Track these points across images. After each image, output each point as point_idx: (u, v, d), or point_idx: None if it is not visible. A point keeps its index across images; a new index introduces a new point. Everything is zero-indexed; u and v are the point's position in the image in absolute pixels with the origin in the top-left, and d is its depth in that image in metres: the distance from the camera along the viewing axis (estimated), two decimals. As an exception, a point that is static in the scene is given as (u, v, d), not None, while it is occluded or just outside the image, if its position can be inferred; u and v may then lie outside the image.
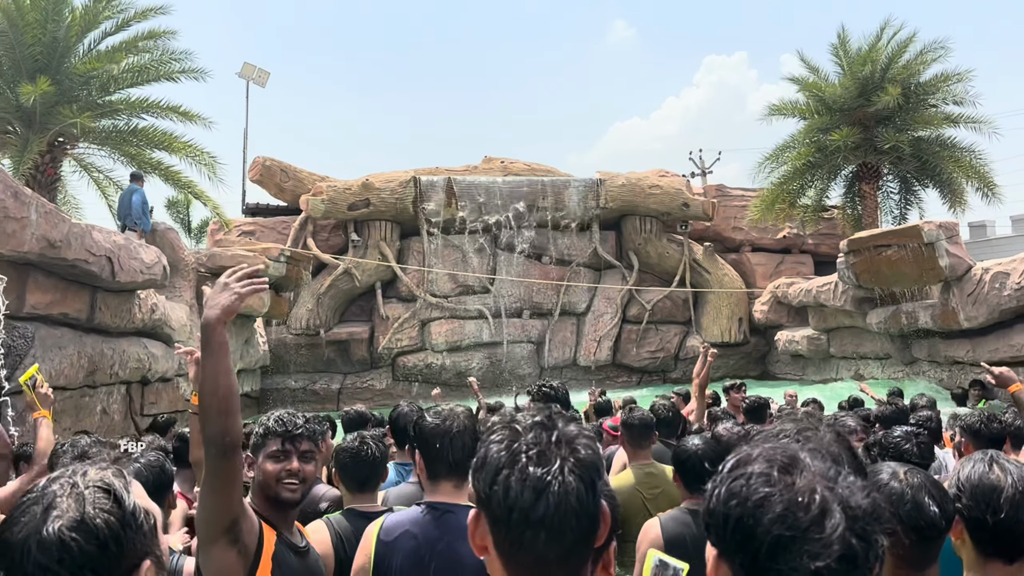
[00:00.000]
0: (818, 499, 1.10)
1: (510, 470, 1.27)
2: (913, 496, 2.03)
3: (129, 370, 12.00)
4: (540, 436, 1.30)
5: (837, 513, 1.09)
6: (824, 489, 1.11)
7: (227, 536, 2.15)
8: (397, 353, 21.45)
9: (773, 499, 1.11)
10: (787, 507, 1.10)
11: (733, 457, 1.22)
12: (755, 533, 1.10)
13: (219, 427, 2.07)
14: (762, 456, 1.18)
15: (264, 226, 21.82)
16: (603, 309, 22.18)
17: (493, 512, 1.28)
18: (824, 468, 1.15)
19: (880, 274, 15.29)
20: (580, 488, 1.25)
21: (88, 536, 1.21)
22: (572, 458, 1.27)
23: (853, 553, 1.07)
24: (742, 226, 23.27)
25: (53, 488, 1.27)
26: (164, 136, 15.12)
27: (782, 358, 21.67)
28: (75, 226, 9.37)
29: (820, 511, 1.09)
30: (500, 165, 23.07)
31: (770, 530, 1.09)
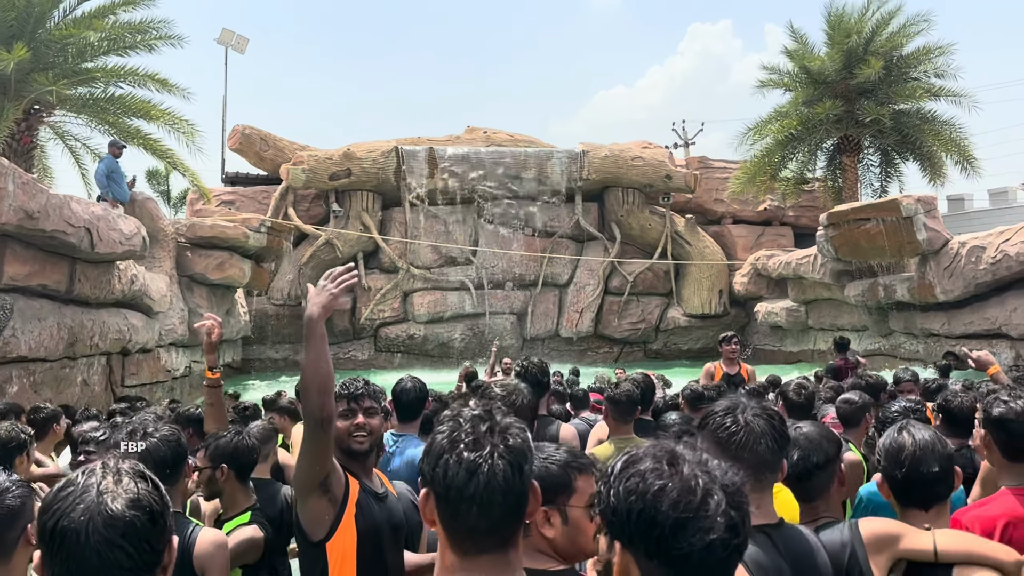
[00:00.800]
0: (701, 484, 1.31)
1: (449, 454, 1.52)
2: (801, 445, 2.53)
3: (109, 341, 11.95)
4: (477, 426, 1.56)
5: (717, 493, 1.30)
6: (703, 475, 1.32)
7: (320, 489, 2.56)
8: (379, 324, 21.48)
9: (667, 489, 1.30)
10: (680, 494, 1.29)
11: (621, 459, 1.40)
12: (656, 520, 1.28)
13: (318, 404, 2.47)
14: (648, 455, 1.37)
15: (244, 195, 21.66)
16: (585, 280, 22.26)
17: (436, 489, 1.53)
18: (698, 457, 1.36)
19: (859, 247, 15.44)
20: (507, 470, 1.50)
21: (144, 513, 1.37)
22: (503, 445, 1.52)
23: (734, 522, 1.29)
24: (724, 198, 23.34)
25: (96, 477, 1.41)
26: (142, 104, 14.90)
27: (761, 329, 21.90)
28: (53, 197, 9.28)
29: (704, 493, 1.30)
30: (483, 135, 22.96)
31: (669, 515, 1.28)
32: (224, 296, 17.46)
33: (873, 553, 2.38)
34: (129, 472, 1.43)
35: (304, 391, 2.53)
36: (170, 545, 1.44)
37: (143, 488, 1.40)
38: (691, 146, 35.63)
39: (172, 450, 3.10)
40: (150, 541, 1.37)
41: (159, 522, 1.40)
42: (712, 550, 1.27)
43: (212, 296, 16.79)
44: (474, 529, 1.51)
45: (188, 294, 16.12)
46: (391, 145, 21.12)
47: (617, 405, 4.88)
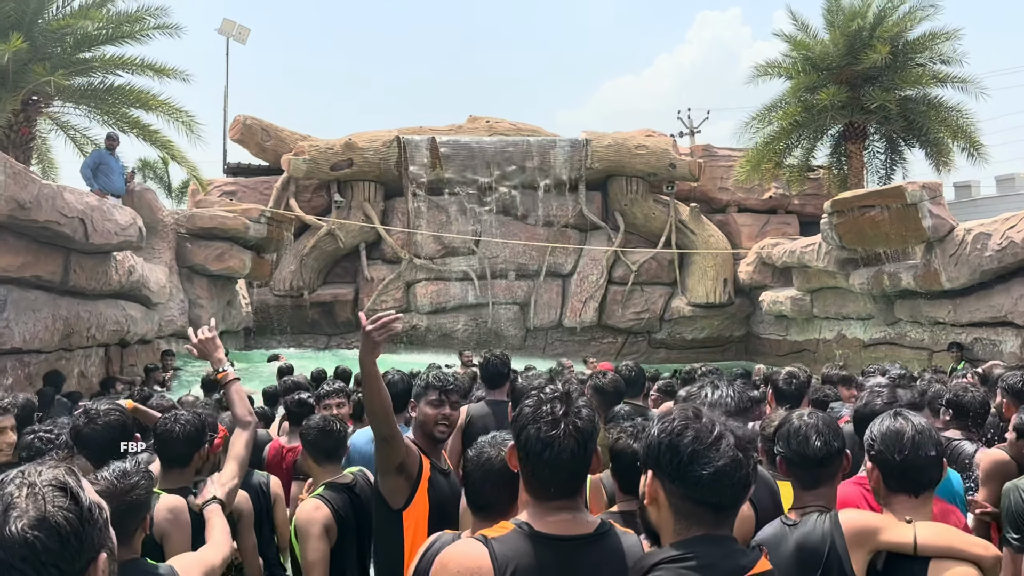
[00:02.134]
0: (717, 429, 1.79)
1: (531, 426, 2.02)
2: (805, 432, 2.66)
3: (107, 332, 11.92)
4: (555, 406, 2.03)
5: (729, 436, 1.78)
6: (720, 425, 1.81)
7: (396, 470, 3.15)
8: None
9: (688, 428, 1.79)
10: (698, 433, 1.78)
11: (658, 417, 1.92)
12: (678, 448, 1.77)
13: (383, 427, 3.10)
14: (679, 410, 1.88)
15: (246, 186, 21.59)
16: (589, 270, 22.13)
17: (519, 449, 2.05)
18: (718, 414, 1.88)
19: (863, 235, 15.26)
20: (574, 446, 1.99)
21: (50, 533, 1.27)
22: (572, 425, 2.00)
23: (738, 459, 1.76)
24: (728, 186, 23.14)
25: (9, 489, 1.31)
26: (140, 94, 14.84)
27: (766, 319, 21.74)
28: (46, 187, 9.20)
29: (718, 435, 1.77)
30: (485, 124, 22.81)
31: (689, 445, 1.76)
32: (225, 287, 17.43)
33: (853, 546, 2.39)
34: (48, 483, 1.32)
35: (370, 418, 3.19)
36: (95, 563, 1.33)
37: (58, 504, 1.29)
38: (697, 135, 35.37)
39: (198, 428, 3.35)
40: (58, 564, 1.27)
41: (70, 543, 1.28)
42: (719, 476, 1.73)
43: (212, 287, 16.77)
44: (546, 483, 2.01)
45: (188, 285, 16.11)
46: (393, 135, 21.00)
47: (603, 395, 4.84)
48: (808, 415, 2.77)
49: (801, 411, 2.86)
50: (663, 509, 1.81)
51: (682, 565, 1.71)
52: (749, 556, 1.80)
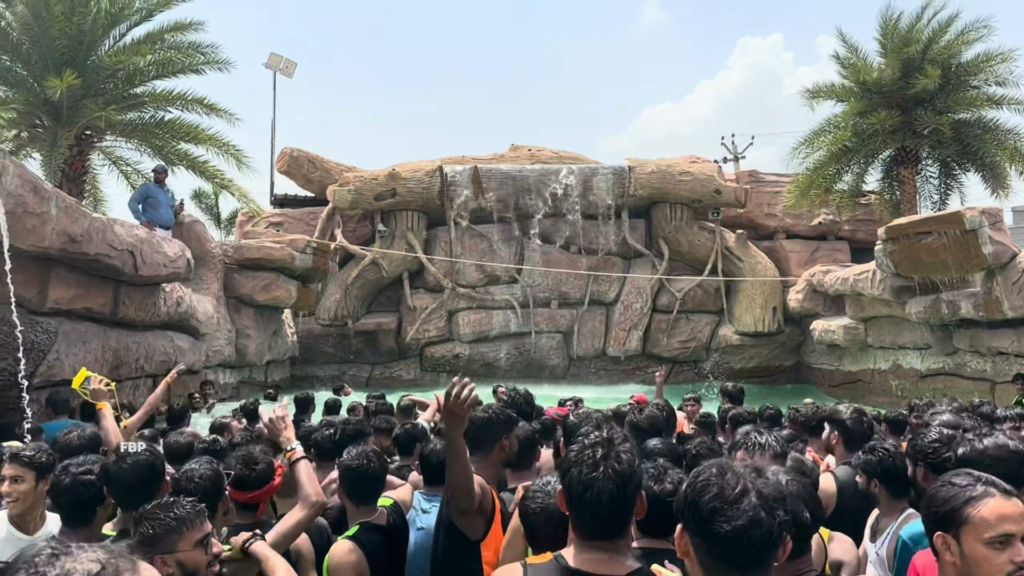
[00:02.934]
0: (741, 487, 1.76)
1: (574, 469, 2.13)
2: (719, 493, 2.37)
3: (155, 363, 11.99)
4: (596, 451, 2.14)
5: (753, 496, 1.74)
6: (748, 482, 1.77)
7: (474, 511, 3.27)
8: (425, 343, 21.36)
9: (711, 485, 1.78)
10: (720, 490, 1.76)
11: (696, 470, 1.89)
12: (699, 505, 1.76)
13: (463, 502, 3.20)
14: (709, 465, 1.86)
15: (292, 217, 21.82)
16: (632, 298, 21.85)
17: (564, 490, 2.16)
18: (750, 472, 1.83)
19: (919, 262, 14.78)
20: (613, 489, 2.08)
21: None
22: (611, 469, 2.10)
23: (760, 519, 1.71)
24: (776, 212, 22.76)
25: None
26: (190, 128, 15.11)
27: (818, 348, 21.18)
28: (96, 220, 9.31)
29: (741, 492, 1.75)
30: (527, 153, 22.79)
31: (710, 502, 1.75)
32: (271, 317, 17.54)
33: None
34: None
35: (452, 491, 3.21)
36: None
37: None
38: (741, 160, 34.99)
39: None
40: None
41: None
42: (739, 533, 1.71)
43: (259, 317, 16.87)
44: (587, 524, 2.12)
45: (236, 315, 16.22)
46: (435, 164, 21.08)
47: (638, 432, 4.67)
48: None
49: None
50: (694, 563, 1.82)
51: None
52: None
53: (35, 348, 9.03)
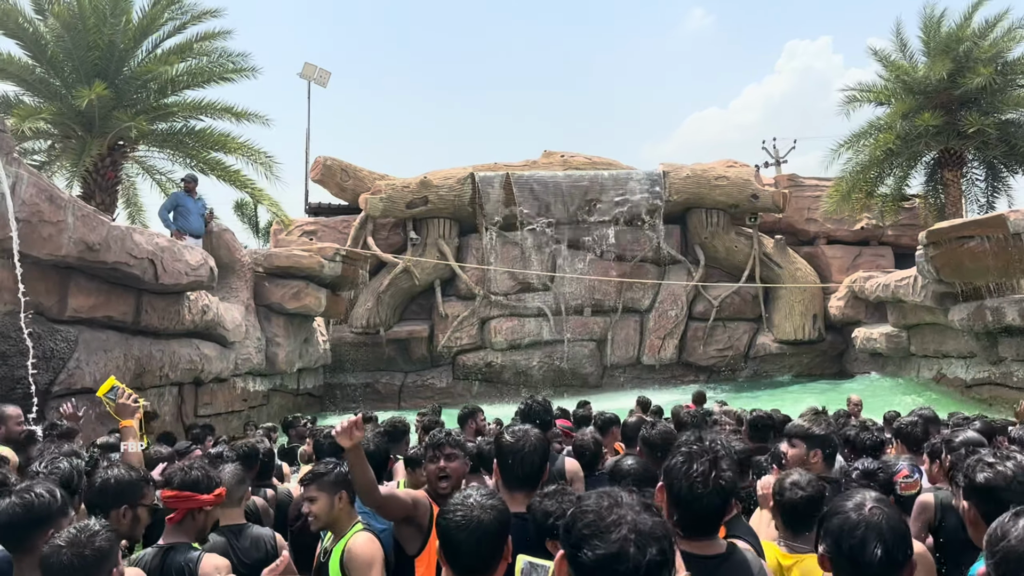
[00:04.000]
0: (614, 517, 1.71)
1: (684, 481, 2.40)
2: (863, 533, 2.09)
3: (180, 371, 12.06)
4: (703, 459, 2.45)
5: (624, 528, 1.69)
6: (626, 512, 1.73)
7: (404, 521, 3.46)
8: (457, 351, 21.27)
9: (586, 514, 1.75)
10: (593, 519, 1.72)
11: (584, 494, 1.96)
12: (571, 532, 1.75)
13: (367, 500, 3.42)
14: (596, 493, 1.83)
15: (326, 225, 21.95)
16: (668, 306, 21.48)
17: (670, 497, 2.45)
18: (635, 503, 1.77)
19: (962, 267, 14.24)
20: (719, 503, 2.39)
21: None
22: (718, 486, 2.38)
23: (625, 552, 1.64)
24: (816, 217, 22.22)
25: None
26: (220, 137, 15.24)
27: (860, 356, 20.58)
28: (114, 228, 9.38)
29: (613, 523, 1.70)
30: (560, 159, 22.61)
31: (580, 531, 1.72)
32: (302, 325, 17.60)
33: None
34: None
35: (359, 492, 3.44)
36: None
37: None
38: (783, 164, 34.31)
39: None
40: None
41: None
42: (600, 564, 1.66)
43: (290, 325, 16.94)
44: (692, 524, 2.40)
45: (266, 323, 16.30)
46: (467, 172, 21.02)
47: (651, 448, 4.49)
48: (872, 507, 2.15)
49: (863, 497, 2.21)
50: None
51: None
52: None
53: (55, 356, 9.12)
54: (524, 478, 3.17)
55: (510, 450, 3.19)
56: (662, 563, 1.65)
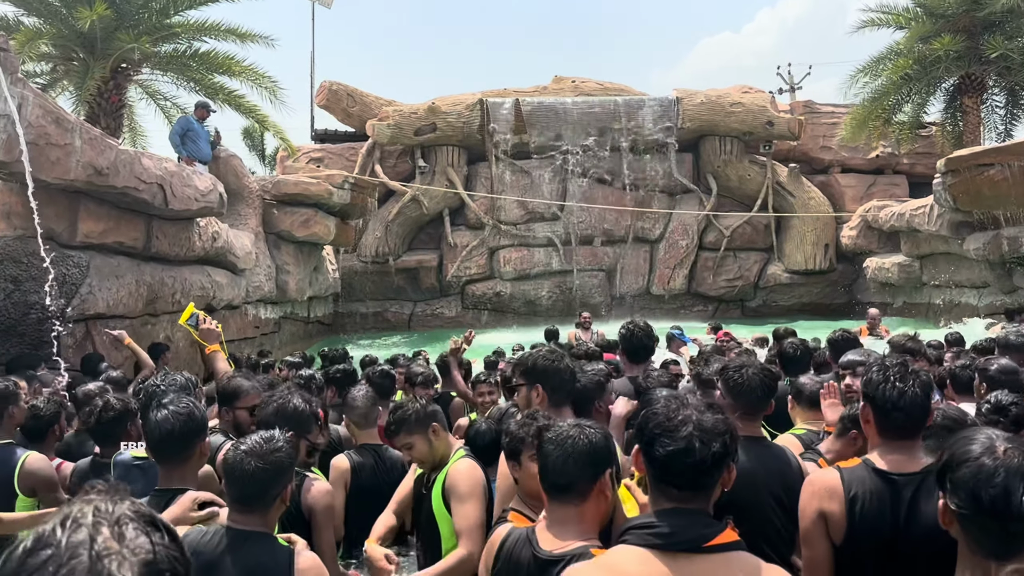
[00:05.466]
0: (681, 416, 1.96)
1: (886, 384, 2.57)
2: (1005, 479, 1.74)
3: (192, 298, 12.00)
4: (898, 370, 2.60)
5: (690, 426, 1.93)
6: (693, 411, 1.97)
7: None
8: (466, 281, 21.24)
9: (657, 413, 2.00)
10: (663, 418, 1.97)
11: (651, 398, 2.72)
12: (644, 430, 2.01)
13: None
14: (662, 399, 2.48)
15: (332, 152, 21.67)
16: (678, 236, 21.32)
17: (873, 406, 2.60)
18: (699, 403, 2.03)
19: (980, 196, 14.01)
20: (922, 397, 2.55)
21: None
22: (917, 382, 2.56)
23: (692, 447, 1.90)
24: (831, 145, 21.83)
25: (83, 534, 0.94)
26: (224, 59, 14.88)
27: (871, 286, 20.49)
28: (123, 152, 9.21)
29: (681, 422, 1.94)
30: (571, 85, 22.13)
31: (652, 429, 1.98)
32: (311, 253, 17.53)
33: None
34: (133, 518, 0.99)
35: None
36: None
37: (158, 543, 0.97)
38: (797, 91, 33.59)
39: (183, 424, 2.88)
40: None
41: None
42: (671, 458, 1.91)
43: (299, 253, 16.86)
44: (898, 427, 2.54)
45: (275, 251, 16.22)
46: (476, 98, 20.61)
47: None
48: (1007, 448, 1.81)
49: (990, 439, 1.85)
50: (648, 482, 2.04)
51: (646, 532, 1.89)
52: (713, 527, 1.90)
53: (67, 282, 9.07)
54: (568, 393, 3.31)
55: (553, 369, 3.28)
56: (724, 455, 1.94)
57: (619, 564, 1.88)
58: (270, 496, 2.50)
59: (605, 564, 1.92)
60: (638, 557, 1.86)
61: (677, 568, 1.82)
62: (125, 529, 0.95)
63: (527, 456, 2.65)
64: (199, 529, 2.60)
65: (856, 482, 2.49)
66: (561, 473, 2.24)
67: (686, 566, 1.82)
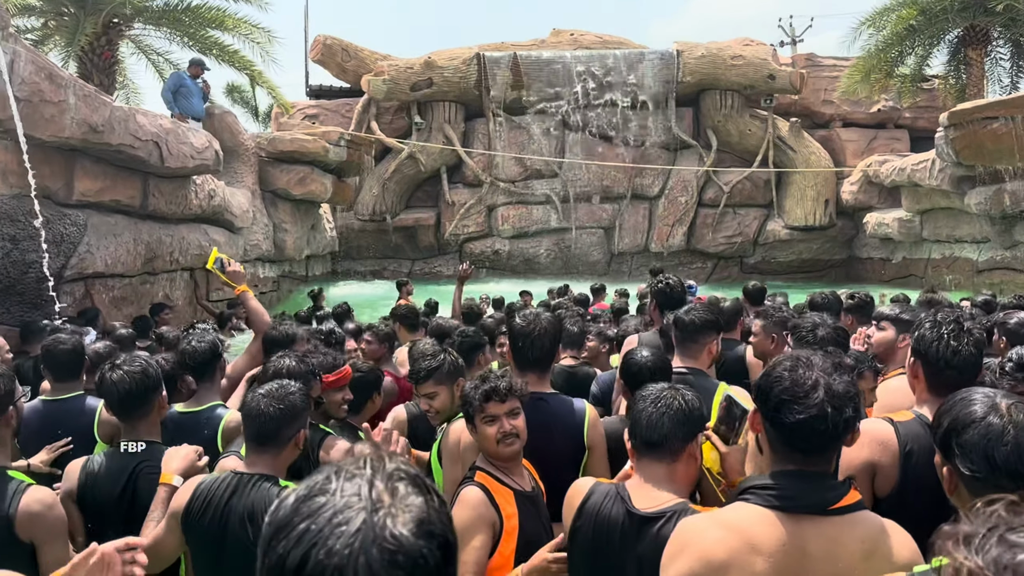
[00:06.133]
0: (811, 380, 1.86)
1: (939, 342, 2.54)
2: (1016, 436, 1.73)
3: (190, 256, 11.96)
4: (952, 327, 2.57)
5: (821, 391, 1.84)
6: (820, 375, 1.86)
7: None
8: (464, 239, 21.15)
9: (783, 379, 1.89)
10: (790, 384, 1.87)
11: (774, 360, 2.01)
12: (770, 396, 1.90)
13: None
14: (789, 356, 1.98)
15: (327, 109, 21.40)
16: (678, 192, 21.19)
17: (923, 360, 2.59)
18: (827, 366, 1.90)
19: (983, 150, 13.89)
20: (975, 353, 2.53)
21: (437, 545, 0.92)
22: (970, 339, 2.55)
23: (825, 413, 1.82)
24: (833, 99, 21.59)
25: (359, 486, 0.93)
26: (217, 13, 14.62)
27: (870, 242, 20.45)
28: (117, 109, 9.06)
29: (811, 387, 1.85)
30: (569, 38, 21.79)
31: (779, 395, 1.88)
32: (308, 211, 17.41)
33: None
34: (405, 477, 0.96)
35: None
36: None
37: (431, 504, 0.94)
38: (798, 43, 33.16)
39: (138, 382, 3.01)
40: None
41: (453, 561, 0.95)
42: (803, 425, 1.83)
43: (296, 212, 16.75)
44: (950, 382, 2.42)
45: (272, 209, 16.11)
46: (473, 52, 20.29)
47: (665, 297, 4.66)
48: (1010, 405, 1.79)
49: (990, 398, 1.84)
50: (764, 441, 1.98)
51: (768, 493, 1.86)
52: (835, 490, 1.88)
53: (64, 241, 8.98)
54: (535, 361, 3.18)
55: (521, 334, 3.18)
56: (854, 419, 1.88)
57: (740, 522, 1.86)
58: (284, 437, 2.59)
59: (724, 521, 1.89)
60: (761, 517, 1.84)
61: (801, 530, 1.81)
62: (399, 485, 0.93)
63: (479, 419, 2.66)
64: (212, 476, 2.70)
65: (912, 437, 2.45)
66: (654, 429, 2.24)
67: (810, 528, 1.81)
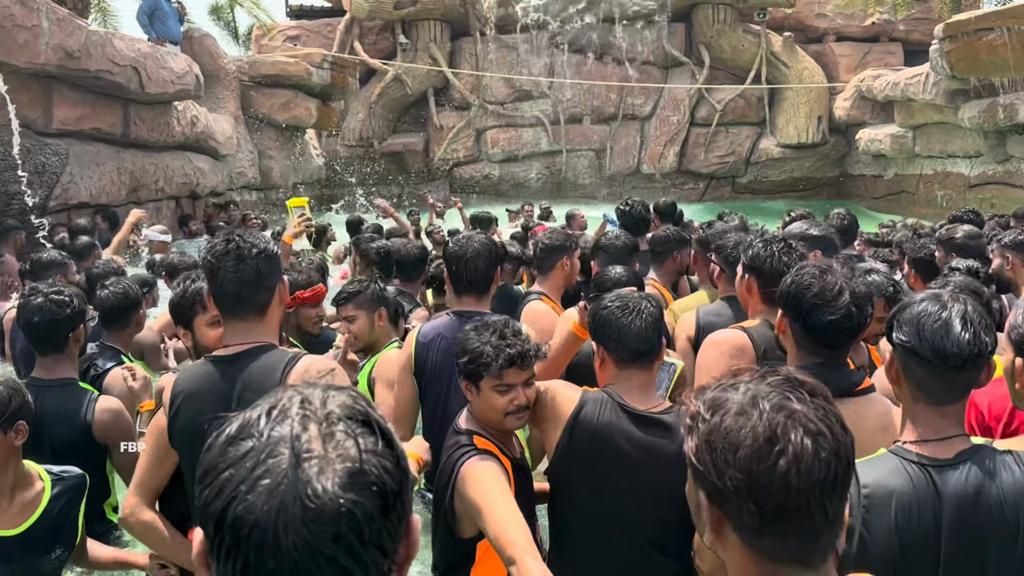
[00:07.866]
0: (838, 286, 2.16)
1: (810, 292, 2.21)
2: (948, 316, 1.79)
3: (175, 185, 11.82)
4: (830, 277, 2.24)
5: (847, 294, 2.15)
6: (843, 281, 2.17)
7: None
8: (453, 164, 20.90)
9: (814, 284, 2.17)
10: (820, 288, 2.16)
11: (799, 268, 2.28)
12: (802, 300, 2.18)
13: None
14: (810, 266, 2.26)
15: (309, 30, 20.80)
16: (669, 111, 20.87)
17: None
18: (846, 271, 2.23)
19: (978, 62, 13.66)
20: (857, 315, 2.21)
21: (373, 496, 0.80)
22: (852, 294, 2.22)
23: (851, 313, 2.14)
24: (827, 12, 21.10)
25: (286, 428, 0.82)
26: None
27: (862, 159, 20.31)
28: (93, 33, 8.81)
29: (838, 291, 2.15)
30: (558, -49, 21.08)
31: (811, 300, 2.16)
32: (293, 137, 17.11)
33: None
34: (344, 416, 0.84)
35: None
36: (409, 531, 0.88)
37: (367, 449, 0.82)
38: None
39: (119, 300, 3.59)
40: (381, 544, 0.81)
41: (395, 509, 0.83)
42: (832, 325, 2.14)
43: (281, 137, 16.46)
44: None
45: (257, 136, 15.82)
46: (458, -33, 19.65)
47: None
48: (951, 293, 1.91)
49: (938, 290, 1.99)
50: (789, 340, 2.25)
51: None
52: (856, 376, 2.27)
53: (47, 171, 8.83)
54: (470, 283, 3.15)
55: (454, 257, 3.17)
56: (870, 316, 2.20)
57: None
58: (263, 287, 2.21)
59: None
60: None
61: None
62: (335, 428, 0.82)
63: (491, 385, 2.31)
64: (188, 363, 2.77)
65: (764, 340, 2.60)
66: (646, 339, 2.36)
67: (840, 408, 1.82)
